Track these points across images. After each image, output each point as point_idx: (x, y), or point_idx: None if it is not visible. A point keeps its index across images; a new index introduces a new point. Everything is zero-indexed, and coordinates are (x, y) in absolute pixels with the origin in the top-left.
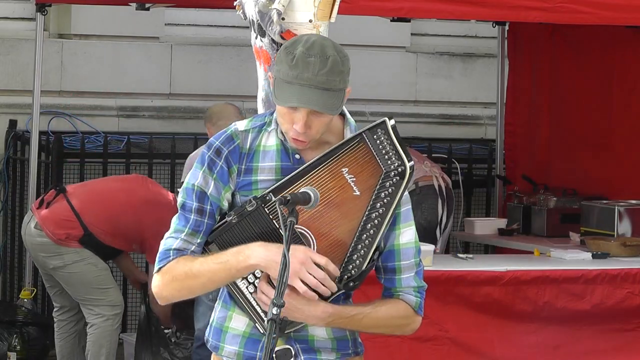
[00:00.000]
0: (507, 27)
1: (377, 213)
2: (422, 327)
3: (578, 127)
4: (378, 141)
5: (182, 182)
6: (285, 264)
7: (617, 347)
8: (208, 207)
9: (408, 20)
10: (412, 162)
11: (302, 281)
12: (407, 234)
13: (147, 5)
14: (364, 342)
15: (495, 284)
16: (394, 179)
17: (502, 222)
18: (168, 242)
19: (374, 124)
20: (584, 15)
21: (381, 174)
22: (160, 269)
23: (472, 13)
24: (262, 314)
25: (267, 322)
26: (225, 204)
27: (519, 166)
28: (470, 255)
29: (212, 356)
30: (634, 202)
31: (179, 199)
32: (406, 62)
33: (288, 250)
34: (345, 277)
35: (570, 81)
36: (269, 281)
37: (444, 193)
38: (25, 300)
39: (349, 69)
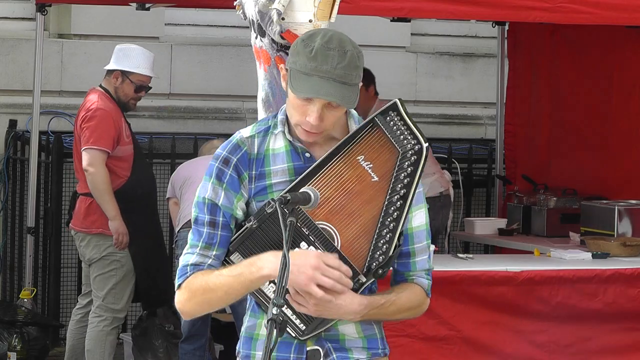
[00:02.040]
0: (507, 27)
1: (398, 195)
2: (433, 327)
3: (578, 127)
4: (392, 122)
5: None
6: (285, 264)
7: (630, 346)
8: (220, 218)
9: (408, 20)
10: (427, 144)
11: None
12: (419, 217)
13: (147, 5)
14: None
15: (508, 284)
16: (412, 159)
17: (502, 222)
18: (185, 258)
19: (384, 107)
20: (584, 15)
21: (398, 156)
22: (180, 285)
23: (472, 13)
24: (291, 317)
25: (267, 322)
26: (239, 213)
27: (519, 166)
28: (470, 255)
29: None
30: (633, 202)
31: (192, 214)
32: (406, 62)
33: (288, 250)
34: (374, 264)
35: (570, 81)
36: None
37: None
38: (25, 300)
39: (363, 64)
